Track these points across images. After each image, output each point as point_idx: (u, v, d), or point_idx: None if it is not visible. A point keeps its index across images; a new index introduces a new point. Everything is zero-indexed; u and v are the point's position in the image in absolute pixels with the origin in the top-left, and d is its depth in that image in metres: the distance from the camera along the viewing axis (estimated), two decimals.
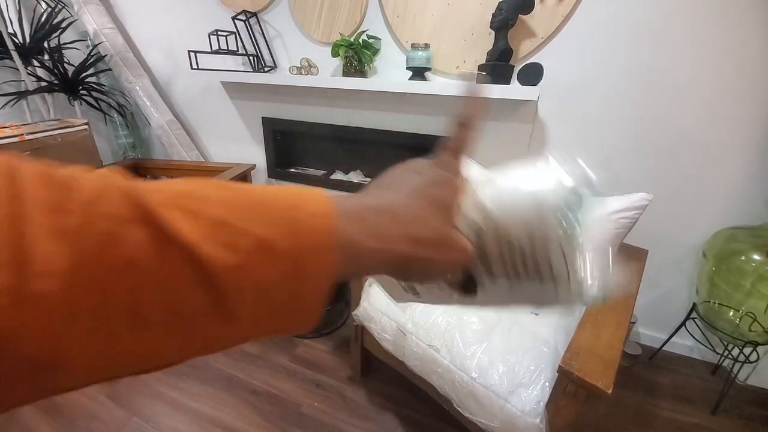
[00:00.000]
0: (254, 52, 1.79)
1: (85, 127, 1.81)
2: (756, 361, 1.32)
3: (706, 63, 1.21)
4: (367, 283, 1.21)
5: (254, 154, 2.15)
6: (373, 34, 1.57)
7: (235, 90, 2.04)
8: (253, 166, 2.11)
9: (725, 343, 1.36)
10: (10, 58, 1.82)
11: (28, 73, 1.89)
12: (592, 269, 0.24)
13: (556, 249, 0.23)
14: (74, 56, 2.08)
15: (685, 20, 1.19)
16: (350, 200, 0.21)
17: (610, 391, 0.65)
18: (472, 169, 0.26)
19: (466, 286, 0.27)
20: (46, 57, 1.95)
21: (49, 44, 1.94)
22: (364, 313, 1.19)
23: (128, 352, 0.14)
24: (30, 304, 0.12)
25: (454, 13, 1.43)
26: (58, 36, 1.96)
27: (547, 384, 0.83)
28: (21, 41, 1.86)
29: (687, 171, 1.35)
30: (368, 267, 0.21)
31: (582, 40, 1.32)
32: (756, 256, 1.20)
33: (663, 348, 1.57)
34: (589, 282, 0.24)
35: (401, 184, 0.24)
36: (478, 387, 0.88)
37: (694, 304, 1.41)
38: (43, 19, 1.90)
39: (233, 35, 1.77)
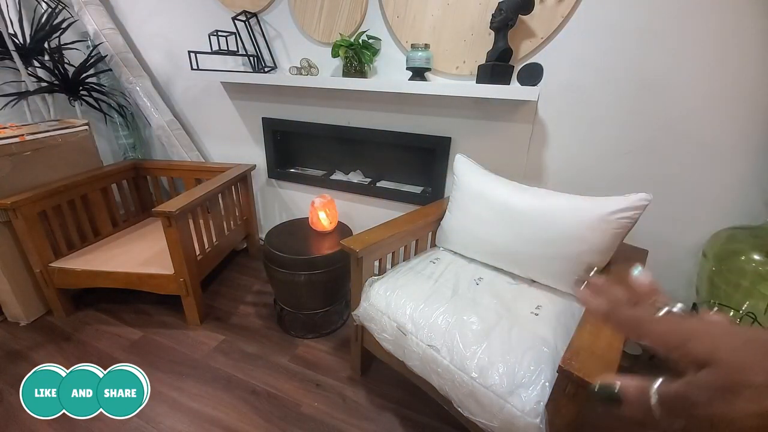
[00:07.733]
0: (254, 53, 1.80)
1: (86, 127, 1.81)
2: None
3: (706, 62, 1.21)
4: (366, 282, 1.21)
5: (254, 154, 2.15)
6: (373, 35, 1.57)
7: (235, 90, 2.04)
8: (253, 167, 2.12)
9: None
10: (11, 58, 1.82)
11: (29, 74, 1.90)
12: None
13: None
14: (74, 57, 2.08)
15: (684, 20, 1.19)
16: None
17: None
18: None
19: None
20: (47, 57, 1.95)
21: (49, 45, 1.95)
22: (364, 313, 1.19)
23: None
24: None
25: (454, 13, 1.43)
26: (59, 36, 1.96)
27: (547, 384, 0.83)
28: (21, 42, 1.86)
29: (687, 171, 1.35)
30: None
31: (582, 40, 1.32)
32: (756, 256, 1.20)
33: None
34: None
35: None
36: (478, 387, 0.88)
37: (695, 304, 1.41)
38: (43, 19, 1.90)
39: (233, 36, 1.77)
